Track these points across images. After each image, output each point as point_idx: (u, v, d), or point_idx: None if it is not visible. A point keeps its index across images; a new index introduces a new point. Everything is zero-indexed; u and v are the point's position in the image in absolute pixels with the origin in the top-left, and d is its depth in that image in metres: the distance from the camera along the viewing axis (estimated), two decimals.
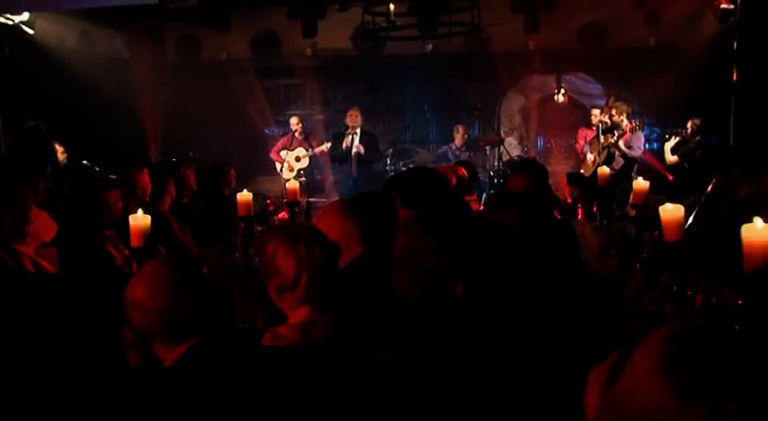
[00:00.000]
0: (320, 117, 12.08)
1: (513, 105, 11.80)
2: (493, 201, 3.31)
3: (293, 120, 10.34)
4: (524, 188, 3.88)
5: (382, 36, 9.69)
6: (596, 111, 9.18)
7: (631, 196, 4.66)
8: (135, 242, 3.44)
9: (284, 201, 6.06)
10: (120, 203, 4.68)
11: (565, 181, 9.27)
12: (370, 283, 2.57)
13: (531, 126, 11.67)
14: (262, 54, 11.88)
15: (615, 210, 5.86)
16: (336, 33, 11.16)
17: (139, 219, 3.45)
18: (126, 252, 4.50)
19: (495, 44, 11.33)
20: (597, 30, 11.13)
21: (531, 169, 4.47)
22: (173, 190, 5.65)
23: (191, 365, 1.90)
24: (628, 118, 8.37)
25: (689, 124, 8.84)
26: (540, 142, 11.78)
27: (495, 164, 10.02)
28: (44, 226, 4.54)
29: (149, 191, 5.31)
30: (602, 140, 8.38)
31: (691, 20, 10.04)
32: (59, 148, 8.56)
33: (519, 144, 11.09)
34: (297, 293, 2.34)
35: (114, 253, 4.51)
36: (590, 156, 8.63)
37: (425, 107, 11.56)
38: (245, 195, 4.72)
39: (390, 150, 10.24)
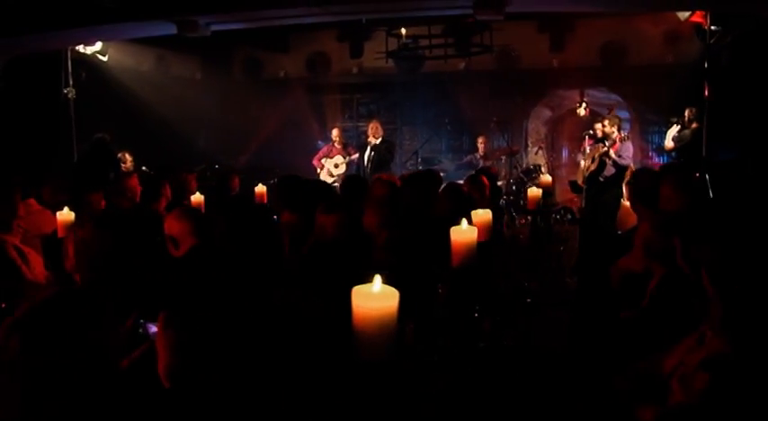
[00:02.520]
0: (365, 128, 12.63)
1: (539, 118, 12.05)
2: (324, 203, 3.67)
3: (334, 132, 10.89)
4: (383, 194, 4.33)
5: (402, 56, 10.23)
6: (598, 126, 9.11)
7: (528, 202, 5.09)
8: (60, 233, 4.04)
9: None
10: (103, 202, 5.48)
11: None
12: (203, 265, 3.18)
13: (556, 137, 11.86)
14: (315, 72, 12.73)
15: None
16: (380, 54, 11.68)
17: (65, 216, 4.14)
18: None
19: (523, 62, 11.69)
20: (617, 48, 11.18)
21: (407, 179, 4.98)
22: (168, 192, 5.98)
23: None
24: (619, 130, 8.58)
25: (686, 112, 9.01)
26: (564, 152, 11.94)
27: (512, 172, 10.39)
28: (45, 220, 5.44)
29: (139, 192, 5.74)
30: (588, 150, 8.62)
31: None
32: (128, 157, 9.50)
33: (544, 154, 11.27)
34: None
35: None
36: (582, 164, 8.87)
37: (458, 119, 11.96)
38: (197, 197, 5.56)
39: (419, 158, 10.69)
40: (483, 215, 3.36)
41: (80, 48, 9.09)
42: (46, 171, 7.21)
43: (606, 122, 8.66)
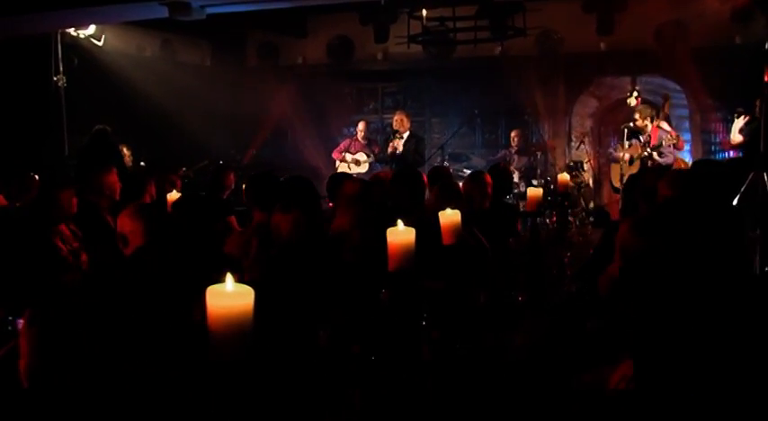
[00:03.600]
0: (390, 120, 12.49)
1: (584, 109, 11.73)
2: (281, 202, 3.75)
3: (360, 125, 10.82)
4: (354, 193, 4.40)
5: (425, 41, 10.15)
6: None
7: (527, 202, 4.99)
8: None
9: None
10: (75, 200, 5.26)
11: None
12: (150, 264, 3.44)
13: (604, 130, 11.60)
14: (336, 59, 12.61)
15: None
16: (402, 38, 11.45)
17: None
18: (75, 245, 5.16)
19: (567, 46, 11.35)
20: (676, 28, 10.71)
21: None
22: (153, 190, 6.07)
23: None
24: (651, 121, 8.43)
25: (757, 102, 8.75)
26: (612, 146, 11.62)
27: (550, 169, 10.23)
28: None
29: (118, 189, 5.79)
30: (625, 146, 8.43)
31: None
32: (126, 152, 9.59)
33: (587, 149, 10.70)
34: None
35: (60, 245, 5.05)
36: (616, 165, 8.72)
37: (494, 110, 11.79)
38: (173, 196, 5.55)
39: (445, 154, 10.49)
40: (450, 216, 3.33)
41: (72, 31, 9.12)
42: (19, 166, 7.06)
43: (637, 115, 8.55)
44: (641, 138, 8.43)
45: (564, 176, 6.06)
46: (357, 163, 10.75)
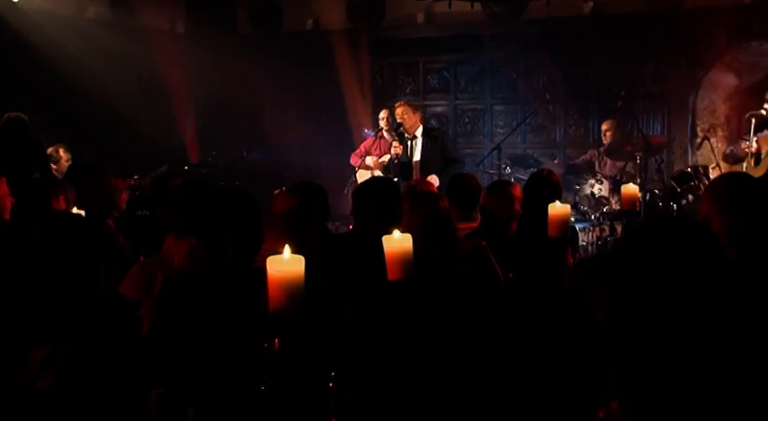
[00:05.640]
0: (438, 109, 12.28)
1: (716, 89, 11.03)
2: (177, 223, 3.80)
3: (381, 115, 10.31)
4: (286, 212, 4.20)
5: None
6: None
7: (549, 225, 4.91)
8: None
9: None
10: None
11: None
12: None
13: (747, 120, 10.63)
14: (360, 22, 12.21)
15: None
16: None
17: None
18: None
19: None
20: None
21: (303, 188, 4.93)
22: (63, 203, 5.92)
23: None
24: None
25: None
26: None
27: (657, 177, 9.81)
28: None
29: (9, 205, 5.72)
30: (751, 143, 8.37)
31: None
32: (63, 154, 9.53)
33: (713, 147, 10.21)
34: None
35: None
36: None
37: (582, 94, 11.46)
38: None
39: (504, 157, 10.09)
40: (400, 242, 3.42)
41: None
42: None
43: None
44: None
45: (629, 189, 5.76)
46: (384, 164, 10.24)
